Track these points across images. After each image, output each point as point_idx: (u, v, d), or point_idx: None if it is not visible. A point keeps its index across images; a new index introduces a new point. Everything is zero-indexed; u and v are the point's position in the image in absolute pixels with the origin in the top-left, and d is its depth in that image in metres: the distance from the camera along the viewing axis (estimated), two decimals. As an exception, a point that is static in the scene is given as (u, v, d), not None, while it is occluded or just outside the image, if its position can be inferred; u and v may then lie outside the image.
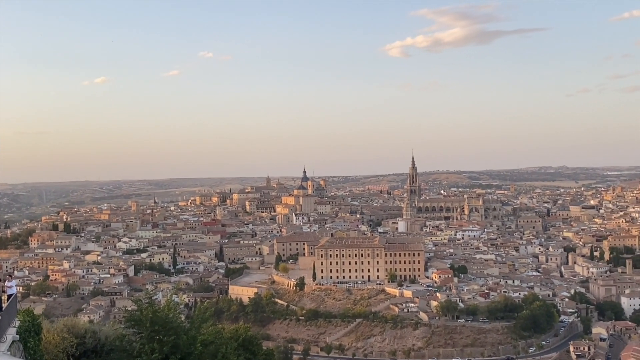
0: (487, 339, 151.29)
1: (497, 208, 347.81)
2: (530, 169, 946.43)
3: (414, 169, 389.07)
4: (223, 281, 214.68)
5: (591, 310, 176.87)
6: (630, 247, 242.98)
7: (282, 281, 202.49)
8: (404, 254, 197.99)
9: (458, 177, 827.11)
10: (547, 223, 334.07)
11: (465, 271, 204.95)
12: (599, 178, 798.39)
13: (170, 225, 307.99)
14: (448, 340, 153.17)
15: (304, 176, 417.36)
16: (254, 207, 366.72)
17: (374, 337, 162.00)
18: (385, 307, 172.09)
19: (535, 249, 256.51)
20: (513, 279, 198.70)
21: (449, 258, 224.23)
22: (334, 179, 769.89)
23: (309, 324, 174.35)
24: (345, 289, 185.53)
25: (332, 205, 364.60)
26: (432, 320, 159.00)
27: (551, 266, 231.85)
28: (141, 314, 22.31)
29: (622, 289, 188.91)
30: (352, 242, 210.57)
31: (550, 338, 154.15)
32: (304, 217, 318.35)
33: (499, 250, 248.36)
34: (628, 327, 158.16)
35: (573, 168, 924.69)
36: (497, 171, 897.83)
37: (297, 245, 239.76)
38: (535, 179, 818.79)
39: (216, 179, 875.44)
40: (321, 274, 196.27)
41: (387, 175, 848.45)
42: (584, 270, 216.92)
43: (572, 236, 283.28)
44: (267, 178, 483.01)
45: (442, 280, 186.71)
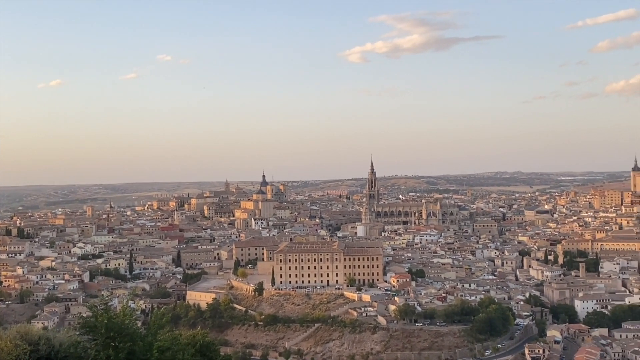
0: (444, 343, 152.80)
1: (454, 212, 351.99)
2: (486, 174, 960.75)
3: (372, 174, 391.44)
4: (180, 287, 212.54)
5: (545, 313, 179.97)
6: (583, 251, 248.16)
7: (240, 286, 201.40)
8: (362, 259, 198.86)
9: (416, 182, 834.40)
10: (503, 227, 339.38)
11: (423, 275, 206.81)
12: (553, 183, 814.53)
13: (126, 230, 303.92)
14: (406, 344, 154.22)
15: (263, 181, 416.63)
16: (213, 212, 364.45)
17: (333, 341, 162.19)
18: (344, 311, 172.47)
19: (491, 253, 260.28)
20: (470, 283, 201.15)
21: (407, 262, 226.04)
22: (293, 183, 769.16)
23: (268, 329, 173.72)
24: (304, 294, 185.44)
25: (292, 210, 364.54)
26: (390, 324, 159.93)
27: (507, 270, 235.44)
28: (96, 320, 22.00)
29: (575, 292, 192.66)
30: (311, 246, 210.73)
31: (505, 341, 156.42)
32: (263, 221, 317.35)
33: (456, 254, 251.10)
34: (581, 329, 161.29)
35: (528, 173, 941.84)
36: (454, 176, 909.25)
37: (256, 250, 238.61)
38: (491, 184, 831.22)
39: (174, 183, 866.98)
40: (280, 279, 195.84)
41: (346, 180, 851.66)
42: (538, 273, 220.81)
43: (527, 240, 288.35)
44: (226, 183, 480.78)
45: (400, 284, 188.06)
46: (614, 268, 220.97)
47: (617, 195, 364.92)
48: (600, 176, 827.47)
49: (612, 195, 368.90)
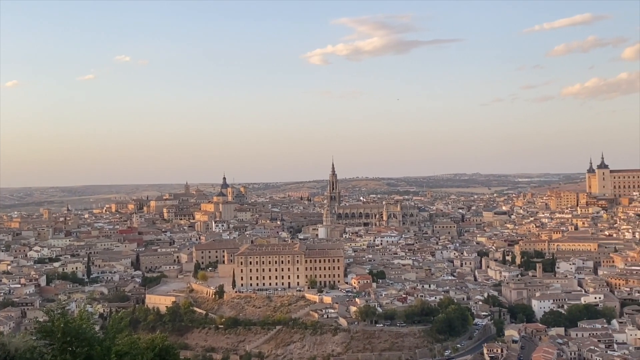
0: (404, 343, 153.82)
1: (415, 214, 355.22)
2: (445, 176, 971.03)
3: (334, 176, 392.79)
4: (140, 290, 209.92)
5: (503, 313, 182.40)
6: (540, 252, 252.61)
7: (200, 289, 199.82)
8: (324, 260, 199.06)
9: (377, 183, 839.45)
10: (462, 228, 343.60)
11: (383, 276, 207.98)
12: (510, 185, 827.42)
13: (84, 233, 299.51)
14: (367, 345, 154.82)
15: (224, 183, 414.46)
16: (172, 214, 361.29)
17: (294, 343, 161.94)
18: (305, 313, 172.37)
19: (451, 254, 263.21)
20: (429, 284, 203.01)
21: (368, 264, 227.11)
22: (254, 185, 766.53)
23: (228, 332, 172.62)
24: (265, 296, 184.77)
25: (253, 212, 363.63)
26: (351, 326, 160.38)
27: (465, 270, 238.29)
28: (53, 324, 21.64)
29: (532, 292, 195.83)
30: (273, 249, 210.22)
31: (464, 341, 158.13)
32: (223, 224, 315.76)
33: (416, 255, 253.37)
34: (538, 329, 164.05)
35: (486, 175, 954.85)
36: (414, 178, 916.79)
37: (217, 252, 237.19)
38: (450, 186, 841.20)
39: (132, 185, 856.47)
40: (241, 282, 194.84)
41: (307, 182, 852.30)
42: (496, 274, 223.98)
43: (485, 241, 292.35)
44: (186, 185, 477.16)
45: (361, 286, 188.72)
46: (570, 268, 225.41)
47: (573, 197, 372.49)
48: (556, 178, 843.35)
49: (568, 197, 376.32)
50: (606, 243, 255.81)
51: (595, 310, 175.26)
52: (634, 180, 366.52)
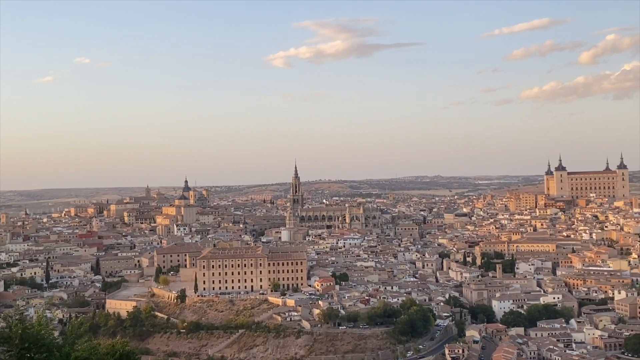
0: (367, 345, 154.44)
1: (377, 216, 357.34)
2: (407, 178, 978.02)
3: (296, 179, 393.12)
4: (100, 295, 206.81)
5: (465, 314, 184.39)
6: (499, 253, 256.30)
7: (162, 294, 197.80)
8: (287, 263, 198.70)
9: (340, 186, 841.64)
10: (424, 230, 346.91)
11: (346, 279, 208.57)
12: (471, 187, 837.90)
13: (42, 237, 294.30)
14: (330, 347, 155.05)
15: (186, 186, 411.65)
16: (133, 218, 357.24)
17: (257, 347, 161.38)
18: (268, 316, 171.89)
19: (413, 256, 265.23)
20: (392, 285, 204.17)
21: (331, 266, 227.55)
22: (216, 188, 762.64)
23: (191, 337, 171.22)
24: (228, 300, 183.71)
25: (215, 215, 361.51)
26: (314, 328, 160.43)
27: (427, 272, 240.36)
28: (11, 331, 21.31)
29: (492, 292, 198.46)
30: (235, 252, 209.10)
31: (427, 342, 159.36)
32: (185, 227, 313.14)
33: (379, 257, 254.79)
34: (499, 329, 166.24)
35: (447, 177, 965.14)
36: (376, 180, 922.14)
37: (179, 256, 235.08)
38: (412, 188, 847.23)
39: (92, 189, 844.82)
40: (203, 286, 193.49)
41: (270, 184, 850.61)
42: (457, 275, 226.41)
43: (446, 242, 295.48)
44: (147, 188, 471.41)
45: (324, 289, 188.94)
46: (529, 269, 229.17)
47: (532, 198, 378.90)
48: (515, 180, 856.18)
49: (527, 198, 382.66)
50: (564, 244, 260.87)
51: (554, 310, 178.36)
52: (591, 182, 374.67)
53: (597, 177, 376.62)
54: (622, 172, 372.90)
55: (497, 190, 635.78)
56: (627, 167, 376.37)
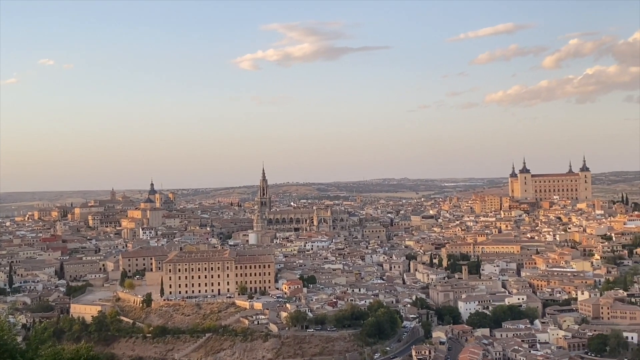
0: (334, 347, 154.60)
1: (345, 219, 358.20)
2: (375, 181, 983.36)
3: (264, 181, 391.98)
4: (64, 300, 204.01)
5: (431, 315, 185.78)
6: (465, 254, 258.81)
7: (127, 298, 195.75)
8: (254, 266, 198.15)
9: (307, 189, 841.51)
10: (391, 232, 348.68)
11: (314, 281, 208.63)
12: (437, 189, 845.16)
13: (5, 242, 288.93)
14: (297, 350, 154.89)
15: (152, 189, 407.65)
16: (98, 221, 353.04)
17: (224, 351, 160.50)
18: (235, 320, 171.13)
19: (380, 258, 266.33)
20: (359, 287, 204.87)
21: (299, 269, 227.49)
22: (183, 191, 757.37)
23: (157, 341, 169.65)
24: (195, 304, 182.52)
25: (181, 218, 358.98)
26: (281, 331, 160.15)
27: (394, 274, 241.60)
28: (-28, 337, 20.93)
29: (459, 294, 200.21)
30: (202, 255, 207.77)
31: (394, 343, 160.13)
32: (151, 231, 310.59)
33: (347, 259, 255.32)
34: (465, 330, 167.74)
35: (414, 180, 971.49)
36: (344, 183, 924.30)
37: (144, 260, 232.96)
38: (379, 190, 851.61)
39: (56, 192, 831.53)
40: (169, 289, 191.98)
41: (237, 187, 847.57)
42: (424, 277, 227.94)
43: (413, 244, 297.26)
44: (112, 191, 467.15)
45: (291, 291, 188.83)
46: (494, 270, 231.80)
47: (497, 201, 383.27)
48: (480, 182, 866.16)
49: (492, 201, 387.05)
50: (528, 245, 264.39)
51: (519, 310, 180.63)
52: (554, 185, 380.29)
53: (560, 179, 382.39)
54: (584, 174, 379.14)
55: (462, 193, 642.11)
56: (589, 169, 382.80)
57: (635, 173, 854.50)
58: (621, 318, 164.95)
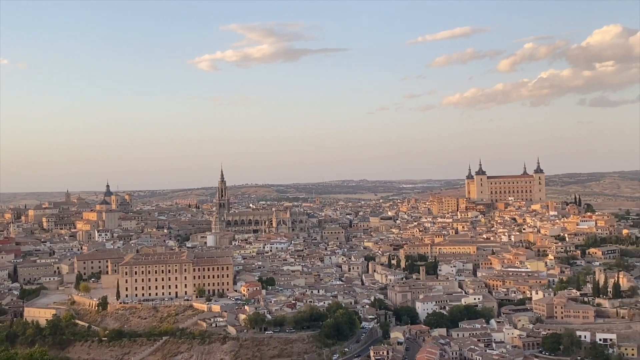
0: (293, 349, 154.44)
1: (304, 220, 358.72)
2: (334, 182, 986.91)
3: (223, 183, 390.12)
4: (17, 303, 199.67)
5: (389, 316, 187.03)
6: (423, 255, 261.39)
7: (83, 301, 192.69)
8: (212, 269, 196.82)
9: (266, 190, 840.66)
10: (350, 234, 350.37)
11: (273, 283, 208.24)
12: (395, 190, 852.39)
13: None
14: (256, 352, 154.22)
15: (107, 190, 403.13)
16: (52, 223, 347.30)
17: (181, 354, 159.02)
18: (193, 323, 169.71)
19: (339, 259, 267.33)
20: (318, 289, 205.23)
21: (258, 271, 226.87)
22: (140, 193, 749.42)
23: (113, 345, 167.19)
24: (152, 307, 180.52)
25: (138, 220, 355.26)
26: (240, 334, 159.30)
27: (353, 275, 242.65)
28: None
29: (416, 294, 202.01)
30: (159, 258, 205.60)
31: (352, 344, 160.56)
32: (107, 233, 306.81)
33: (305, 261, 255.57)
34: (422, 330, 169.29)
35: (373, 181, 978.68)
36: (303, 184, 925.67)
37: (100, 263, 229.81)
38: (338, 192, 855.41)
39: (9, 194, 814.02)
40: (126, 292, 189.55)
41: (195, 189, 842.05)
42: (382, 277, 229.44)
43: (372, 245, 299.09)
44: (67, 193, 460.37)
45: (250, 293, 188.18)
46: (451, 270, 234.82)
47: (454, 202, 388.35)
48: (438, 184, 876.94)
49: (449, 202, 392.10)
50: (484, 246, 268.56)
51: (475, 310, 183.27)
52: (509, 186, 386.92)
53: (515, 181, 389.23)
54: (538, 176, 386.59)
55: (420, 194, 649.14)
56: (543, 171, 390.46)
57: (588, 175, 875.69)
58: (574, 317, 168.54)
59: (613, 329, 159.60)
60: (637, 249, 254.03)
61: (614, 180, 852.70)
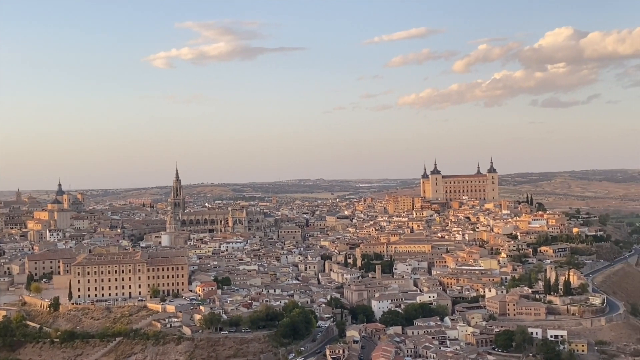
0: (249, 349, 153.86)
1: (260, 219, 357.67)
2: (290, 182, 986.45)
3: (178, 182, 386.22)
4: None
5: (345, 315, 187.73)
6: (379, 254, 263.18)
7: (34, 302, 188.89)
8: (167, 269, 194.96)
9: (222, 189, 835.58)
10: (306, 233, 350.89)
11: (229, 283, 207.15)
12: (352, 190, 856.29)
13: None
14: (211, 352, 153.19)
15: (59, 190, 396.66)
16: (2, 223, 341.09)
17: (135, 355, 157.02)
18: (147, 323, 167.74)
19: (295, 258, 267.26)
20: (275, 288, 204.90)
21: (213, 270, 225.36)
22: (92, 192, 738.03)
23: (65, 346, 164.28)
24: (105, 307, 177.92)
25: (91, 220, 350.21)
26: (195, 334, 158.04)
27: (310, 274, 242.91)
28: None
29: (372, 293, 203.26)
30: (112, 258, 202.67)
31: (308, 343, 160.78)
32: (59, 233, 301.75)
33: (262, 260, 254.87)
34: (378, 328, 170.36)
35: (329, 180, 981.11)
36: (260, 184, 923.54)
37: (52, 263, 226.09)
38: (295, 191, 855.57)
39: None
40: (78, 293, 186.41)
41: (150, 188, 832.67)
42: (339, 276, 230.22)
43: (328, 245, 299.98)
44: (17, 192, 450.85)
45: (205, 293, 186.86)
46: (406, 269, 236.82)
47: (409, 201, 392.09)
48: (394, 183, 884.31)
49: (405, 201, 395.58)
50: (439, 244, 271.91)
51: (430, 308, 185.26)
52: (464, 185, 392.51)
53: (469, 180, 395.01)
54: (492, 175, 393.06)
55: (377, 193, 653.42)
56: (496, 170, 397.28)
57: (539, 174, 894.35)
58: (526, 314, 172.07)
59: (564, 326, 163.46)
60: (587, 247, 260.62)
61: (564, 179, 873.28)
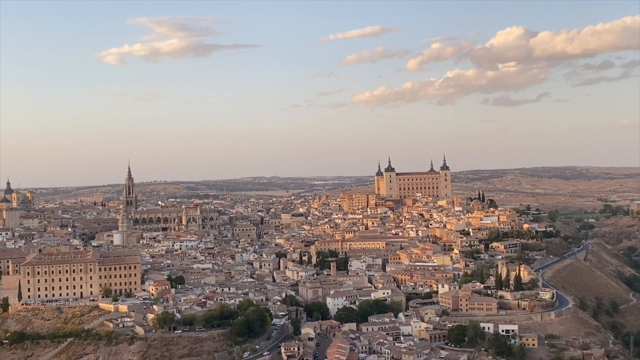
0: (203, 348, 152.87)
1: (214, 217, 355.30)
2: (245, 179, 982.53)
3: (130, 180, 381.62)
4: None
5: (300, 312, 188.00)
6: (334, 251, 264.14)
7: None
8: (119, 268, 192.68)
9: (176, 187, 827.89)
10: (261, 231, 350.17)
11: (182, 282, 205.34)
12: (307, 187, 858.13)
13: None
14: (164, 352, 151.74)
15: (8, 188, 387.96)
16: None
17: (87, 355, 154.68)
18: (99, 323, 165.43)
19: (250, 256, 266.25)
20: (229, 287, 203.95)
21: (167, 269, 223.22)
22: (42, 190, 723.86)
23: (14, 348, 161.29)
24: (55, 308, 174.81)
25: (40, 218, 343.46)
26: (148, 334, 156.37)
27: (265, 272, 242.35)
28: None
29: (327, 290, 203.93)
30: (63, 257, 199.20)
31: (263, 341, 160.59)
32: (7, 232, 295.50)
33: (216, 259, 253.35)
34: (333, 325, 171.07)
35: (284, 178, 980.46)
36: (214, 181, 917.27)
37: (0, 263, 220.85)
38: (250, 189, 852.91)
39: None
40: (28, 293, 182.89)
41: (101, 186, 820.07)
42: (294, 274, 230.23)
43: (283, 242, 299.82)
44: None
45: (159, 293, 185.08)
46: (361, 266, 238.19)
47: (364, 198, 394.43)
48: (348, 180, 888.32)
49: (359, 198, 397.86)
50: (393, 241, 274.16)
51: (384, 305, 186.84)
52: (417, 182, 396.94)
53: (422, 177, 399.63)
54: (445, 172, 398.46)
55: (331, 191, 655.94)
56: (449, 168, 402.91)
57: (491, 172, 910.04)
58: (478, 309, 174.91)
59: (515, 320, 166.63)
60: (537, 243, 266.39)
61: (515, 177, 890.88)
